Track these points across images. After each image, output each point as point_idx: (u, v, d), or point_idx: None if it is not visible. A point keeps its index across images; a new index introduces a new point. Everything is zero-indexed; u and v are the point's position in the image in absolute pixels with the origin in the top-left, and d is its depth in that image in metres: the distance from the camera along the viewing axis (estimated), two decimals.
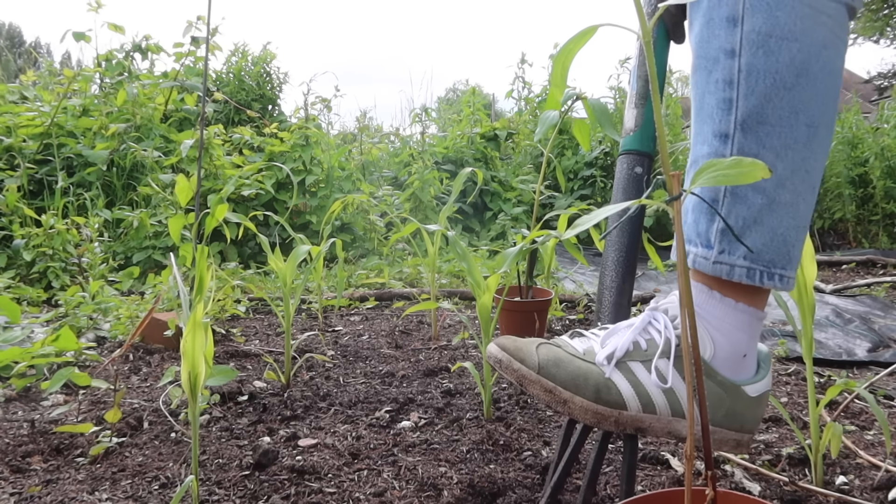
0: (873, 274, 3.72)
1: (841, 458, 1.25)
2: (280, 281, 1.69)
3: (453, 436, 1.36)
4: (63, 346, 1.61)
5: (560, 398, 0.86)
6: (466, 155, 5.56)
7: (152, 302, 2.42)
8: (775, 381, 1.77)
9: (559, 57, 0.59)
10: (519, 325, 2.01)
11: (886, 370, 1.31)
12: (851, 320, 2.46)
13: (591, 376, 0.87)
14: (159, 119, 4.29)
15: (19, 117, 3.79)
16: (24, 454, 1.27)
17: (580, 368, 0.87)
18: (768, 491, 1.12)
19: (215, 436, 1.37)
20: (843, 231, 4.98)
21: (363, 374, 1.81)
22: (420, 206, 4.62)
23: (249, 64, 6.05)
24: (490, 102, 7.64)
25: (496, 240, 4.82)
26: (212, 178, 3.80)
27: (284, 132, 4.32)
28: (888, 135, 4.78)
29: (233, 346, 2.05)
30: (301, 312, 2.65)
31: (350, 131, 6.06)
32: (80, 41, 4.23)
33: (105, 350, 2.04)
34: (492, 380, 1.48)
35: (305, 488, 1.13)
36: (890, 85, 12.92)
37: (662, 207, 0.53)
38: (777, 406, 1.14)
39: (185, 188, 1.82)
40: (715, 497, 0.57)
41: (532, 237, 1.46)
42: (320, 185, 4.20)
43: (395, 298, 2.84)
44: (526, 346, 0.91)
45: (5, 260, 2.94)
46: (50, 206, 3.30)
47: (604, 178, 5.38)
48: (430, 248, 2.19)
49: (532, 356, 0.89)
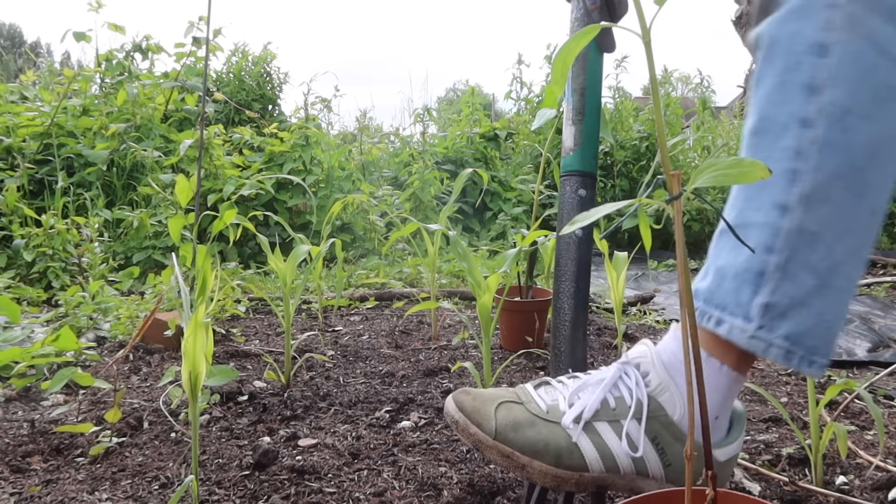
0: (873, 274, 3.72)
1: (841, 457, 1.25)
2: (280, 281, 1.69)
3: (453, 436, 1.36)
4: (63, 346, 1.61)
5: (518, 463, 0.83)
6: (466, 155, 5.56)
7: (153, 302, 2.42)
8: (775, 381, 1.77)
9: (559, 57, 0.59)
10: (519, 325, 2.01)
11: (886, 371, 1.31)
12: (851, 320, 2.46)
13: (553, 440, 0.83)
14: (159, 119, 4.29)
15: (19, 117, 3.79)
16: (24, 454, 1.27)
17: (540, 434, 0.84)
18: (768, 491, 1.12)
19: (215, 436, 1.37)
20: None
21: (363, 374, 1.81)
22: (420, 206, 4.62)
23: (250, 64, 6.05)
24: (490, 103, 7.65)
25: (496, 240, 4.82)
26: (212, 178, 3.80)
27: (284, 132, 4.32)
28: None
29: (233, 346, 2.05)
30: (301, 312, 2.65)
31: (350, 131, 6.06)
32: (80, 41, 4.23)
33: (105, 350, 2.04)
34: (492, 380, 1.48)
35: (305, 488, 1.13)
36: None
37: (662, 207, 0.53)
38: (777, 406, 1.14)
39: (185, 188, 1.82)
40: (715, 497, 0.57)
41: (532, 237, 1.46)
42: (320, 185, 4.20)
43: (395, 298, 2.84)
44: (484, 406, 0.87)
45: (5, 260, 2.94)
46: (50, 206, 3.30)
47: (603, 178, 5.38)
48: (430, 248, 2.19)
49: (489, 419, 0.85)
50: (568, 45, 0.57)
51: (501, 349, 2.07)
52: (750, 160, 0.50)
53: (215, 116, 5.44)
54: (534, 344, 1.98)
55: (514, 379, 1.75)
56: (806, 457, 1.23)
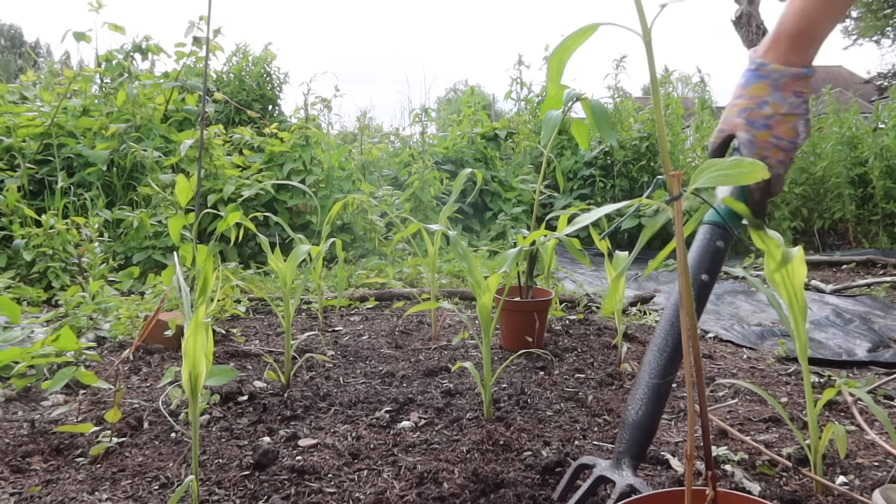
0: (873, 274, 3.72)
1: (844, 456, 1.25)
2: (280, 281, 1.69)
3: (453, 436, 1.36)
4: (63, 346, 1.61)
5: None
6: (466, 155, 5.56)
7: (153, 301, 2.42)
8: (775, 381, 1.77)
9: (556, 53, 0.58)
10: (519, 325, 2.01)
11: (888, 378, 1.30)
12: (851, 320, 2.46)
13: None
14: (159, 119, 4.28)
15: (19, 117, 3.79)
16: (24, 454, 1.27)
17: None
18: (768, 491, 1.12)
19: (215, 436, 1.37)
20: (843, 231, 4.97)
21: (363, 374, 1.81)
22: (420, 206, 4.62)
23: (250, 64, 6.05)
24: (490, 103, 7.65)
25: (496, 240, 4.82)
26: (212, 179, 3.80)
27: (284, 132, 4.32)
28: (887, 135, 4.78)
29: (233, 346, 2.05)
30: (301, 312, 2.65)
31: (350, 131, 6.05)
32: (80, 41, 4.23)
33: (105, 350, 2.04)
34: (492, 380, 1.48)
35: (305, 488, 1.13)
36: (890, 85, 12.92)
37: (662, 208, 0.53)
38: (777, 406, 1.14)
39: (185, 188, 1.82)
40: (715, 497, 0.57)
41: (532, 238, 1.46)
42: (320, 185, 4.20)
43: (395, 298, 2.84)
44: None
45: (5, 260, 2.94)
46: (50, 207, 3.30)
47: (603, 178, 5.38)
48: (430, 248, 2.19)
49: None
50: (565, 43, 0.57)
51: (501, 349, 2.07)
52: (750, 161, 0.50)
53: (215, 116, 5.44)
54: (534, 344, 1.98)
55: (514, 379, 1.75)
56: (805, 457, 1.23)
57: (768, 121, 0.97)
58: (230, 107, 5.50)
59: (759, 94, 0.97)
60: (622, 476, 0.98)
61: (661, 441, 1.35)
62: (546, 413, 1.50)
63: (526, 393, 1.63)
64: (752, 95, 0.98)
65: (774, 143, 0.98)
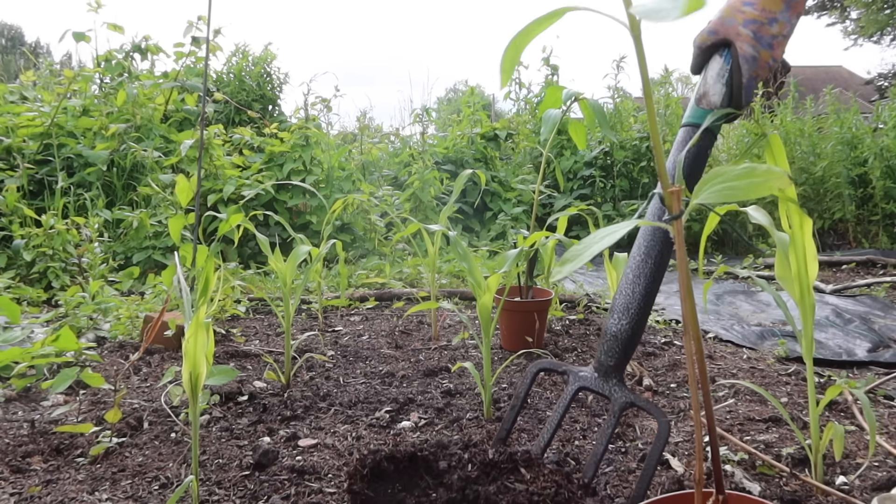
0: (873, 274, 3.71)
1: (840, 457, 1.25)
2: (280, 281, 1.69)
3: (453, 436, 1.36)
4: (63, 346, 1.61)
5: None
6: (467, 155, 5.56)
7: (155, 302, 2.42)
8: (775, 381, 1.77)
9: (515, 40, 0.56)
10: (519, 325, 2.01)
11: (887, 378, 1.30)
12: (851, 320, 2.46)
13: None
14: (159, 119, 4.28)
15: (19, 117, 3.79)
16: (24, 454, 1.27)
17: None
18: (768, 491, 1.12)
19: (215, 436, 1.37)
20: (843, 231, 4.97)
21: (363, 375, 1.81)
22: (420, 206, 4.62)
23: (250, 64, 6.05)
24: (490, 103, 7.64)
25: (496, 240, 4.82)
26: (212, 179, 3.80)
27: (284, 132, 4.32)
28: (887, 135, 4.77)
29: (233, 346, 2.05)
30: (301, 312, 2.65)
31: (350, 131, 6.06)
32: (79, 41, 4.23)
33: (105, 350, 2.04)
34: (492, 380, 1.48)
35: (305, 488, 1.13)
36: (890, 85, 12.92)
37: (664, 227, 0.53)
38: (777, 406, 1.14)
39: (185, 188, 1.82)
40: (725, 500, 0.57)
41: (532, 240, 1.46)
42: (320, 185, 4.20)
43: (395, 298, 2.84)
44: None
45: (5, 260, 2.94)
46: (50, 207, 3.30)
47: (603, 178, 5.37)
48: (430, 249, 2.19)
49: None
50: (526, 30, 0.55)
51: (501, 349, 2.07)
52: (765, 167, 0.46)
53: (215, 116, 5.44)
54: (534, 344, 1.98)
55: (514, 379, 1.75)
56: (806, 457, 1.23)
57: (773, 40, 0.93)
58: (230, 107, 5.50)
59: (771, 9, 0.92)
60: (616, 391, 1.05)
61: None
62: (546, 413, 1.50)
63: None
64: (765, 7, 0.93)
65: (771, 64, 0.94)
